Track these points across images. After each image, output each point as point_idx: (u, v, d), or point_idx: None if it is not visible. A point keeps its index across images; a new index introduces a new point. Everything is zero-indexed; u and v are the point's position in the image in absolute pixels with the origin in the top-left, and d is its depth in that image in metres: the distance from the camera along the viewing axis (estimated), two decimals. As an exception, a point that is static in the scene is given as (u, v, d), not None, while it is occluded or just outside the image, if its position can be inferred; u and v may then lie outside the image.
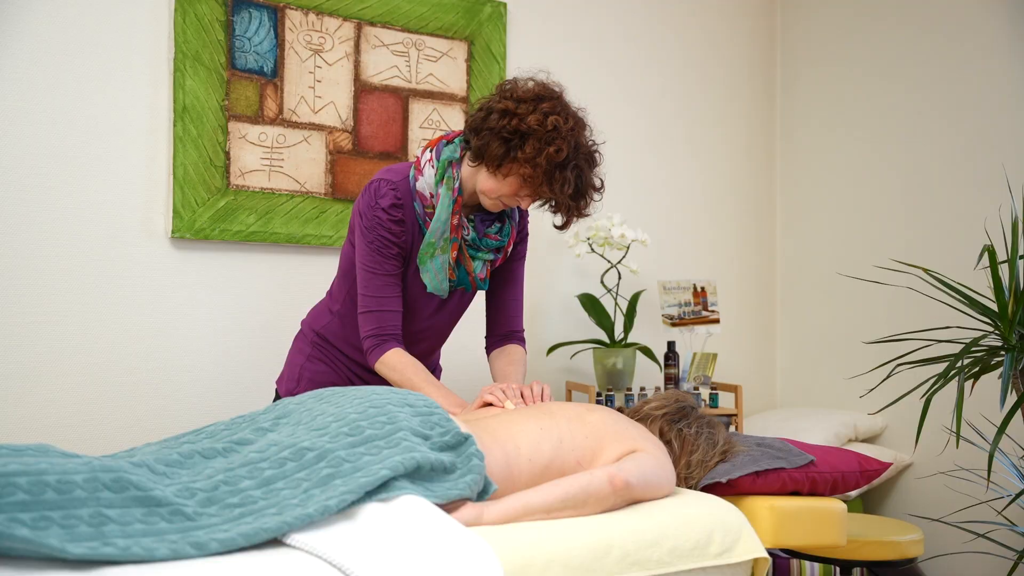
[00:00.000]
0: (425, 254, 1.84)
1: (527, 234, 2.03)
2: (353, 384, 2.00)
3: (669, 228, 3.26)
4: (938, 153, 2.93)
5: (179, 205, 2.35)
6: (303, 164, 2.54)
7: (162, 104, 2.36)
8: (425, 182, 1.83)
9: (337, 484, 1.28)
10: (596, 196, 1.82)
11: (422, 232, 1.86)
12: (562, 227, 1.86)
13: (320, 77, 2.56)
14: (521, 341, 2.05)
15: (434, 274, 1.85)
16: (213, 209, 2.41)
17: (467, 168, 1.84)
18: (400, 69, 2.69)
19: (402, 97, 2.69)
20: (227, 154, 2.42)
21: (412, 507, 1.28)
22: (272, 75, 2.49)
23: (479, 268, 1.91)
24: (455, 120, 2.78)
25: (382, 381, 1.94)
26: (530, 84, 1.77)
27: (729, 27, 3.44)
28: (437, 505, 1.34)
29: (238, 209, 2.44)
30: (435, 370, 2.16)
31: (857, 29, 3.24)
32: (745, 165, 3.48)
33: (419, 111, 2.72)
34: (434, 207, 1.83)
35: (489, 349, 2.06)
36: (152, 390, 2.35)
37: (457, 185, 1.82)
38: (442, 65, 2.76)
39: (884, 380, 2.14)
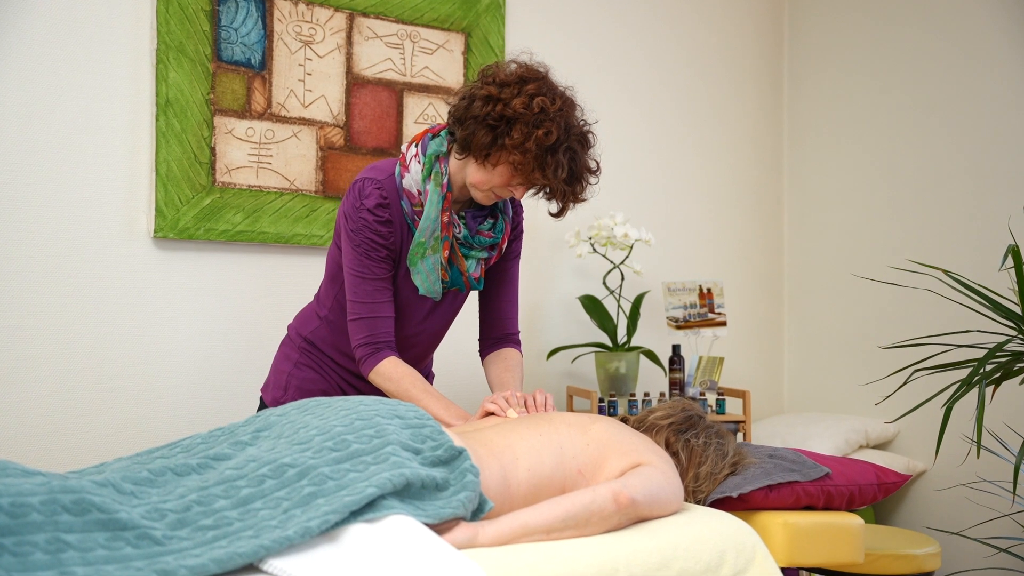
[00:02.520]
0: (415, 255, 1.77)
1: (522, 231, 1.96)
2: (344, 392, 1.93)
3: (673, 227, 3.19)
4: (957, 149, 2.84)
5: (162, 203, 2.28)
6: (292, 160, 2.46)
7: (144, 97, 2.29)
8: (412, 179, 1.76)
9: (320, 504, 1.20)
10: (592, 179, 1.74)
11: (411, 231, 1.79)
12: (558, 214, 1.78)
13: (310, 70, 2.48)
14: (516, 344, 1.98)
15: (426, 275, 1.78)
16: (198, 208, 2.32)
17: (455, 161, 1.77)
18: (394, 62, 2.61)
19: (396, 91, 2.61)
20: (212, 150, 2.34)
21: (401, 528, 1.20)
22: (260, 67, 2.41)
23: (473, 267, 1.84)
24: (452, 115, 2.69)
25: (374, 389, 1.86)
26: (512, 67, 1.70)
27: (735, 20, 3.37)
28: (428, 525, 1.26)
29: (224, 208, 2.36)
30: (428, 376, 2.09)
31: (870, 20, 3.15)
32: (752, 162, 3.41)
33: (414, 106, 2.64)
34: (422, 205, 1.76)
35: (483, 353, 1.99)
36: (132, 397, 2.27)
37: (446, 180, 1.75)
38: (438, 58, 2.68)
39: (902, 386, 2.04)
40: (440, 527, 1.29)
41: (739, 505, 1.71)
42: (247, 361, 2.41)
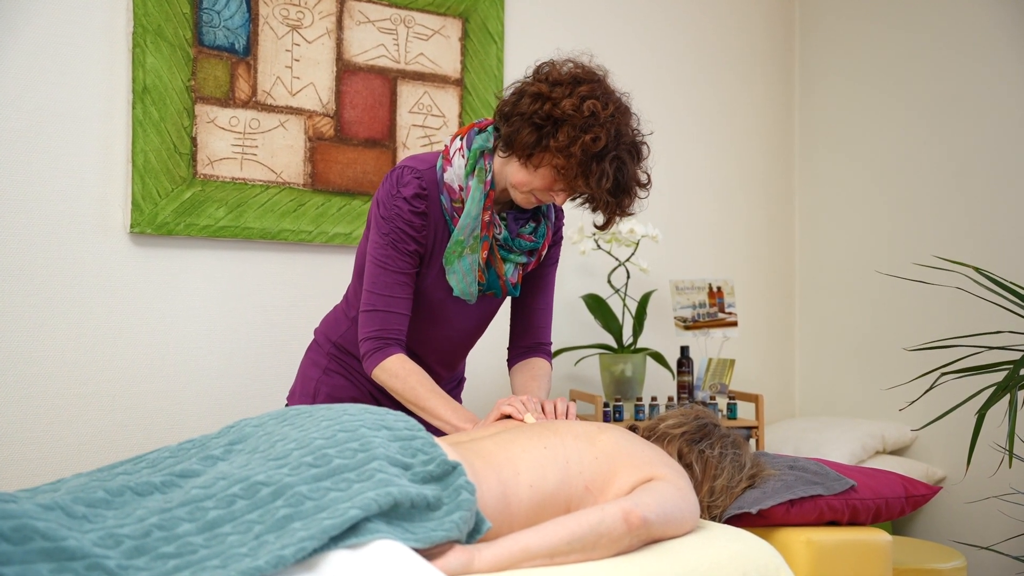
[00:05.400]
0: (452, 253, 1.70)
1: (561, 237, 1.91)
2: (375, 400, 1.85)
3: (681, 223, 3.11)
4: (982, 141, 2.72)
5: (139, 197, 2.18)
6: (279, 152, 2.36)
7: (120, 84, 2.19)
8: (454, 173, 1.70)
9: (296, 528, 1.09)
10: (642, 193, 1.68)
11: (448, 228, 1.72)
12: (603, 227, 1.72)
13: (298, 56, 2.38)
14: (547, 355, 1.92)
15: (462, 276, 1.71)
16: (177, 201, 2.23)
17: (498, 159, 1.71)
18: (387, 48, 2.50)
19: (390, 79, 2.50)
20: (193, 140, 2.25)
21: (387, 555, 1.09)
22: (244, 53, 2.31)
23: (510, 272, 1.78)
24: (448, 105, 2.58)
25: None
26: (568, 66, 1.64)
27: (745, 9, 3.27)
28: (418, 551, 1.15)
29: (206, 201, 2.26)
30: (459, 381, 2.01)
31: (886, 9, 3.03)
32: (762, 155, 3.32)
33: (408, 94, 2.52)
34: (463, 201, 1.70)
35: (511, 362, 1.93)
36: (108, 403, 2.18)
37: (489, 178, 1.69)
38: (434, 44, 2.56)
39: (929, 390, 1.92)
40: (431, 551, 1.18)
41: (758, 521, 1.62)
42: (231, 365, 2.32)
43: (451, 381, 1.95)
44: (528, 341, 1.90)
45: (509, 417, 1.61)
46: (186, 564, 1.04)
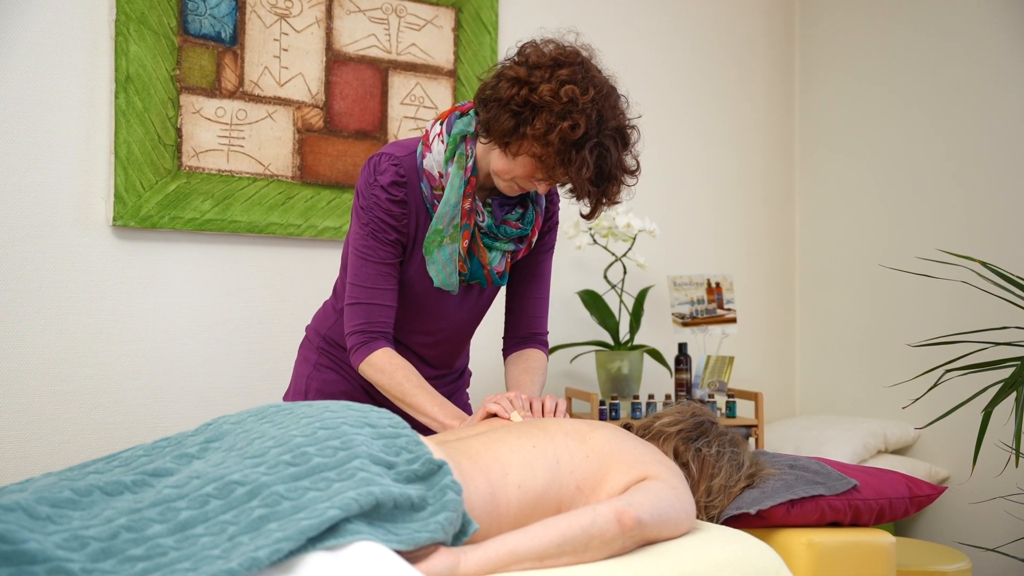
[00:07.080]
0: (431, 243, 1.65)
1: (557, 223, 1.85)
2: (367, 394, 1.81)
3: (679, 217, 3.07)
4: (987, 134, 2.68)
5: (122, 189, 2.15)
6: (267, 143, 2.32)
7: (102, 73, 2.16)
8: (433, 159, 1.66)
9: (272, 529, 1.05)
10: (630, 180, 1.62)
11: (429, 216, 1.68)
12: (588, 216, 1.67)
13: (287, 45, 2.34)
14: (543, 345, 1.87)
15: (441, 266, 1.67)
16: (162, 194, 2.19)
17: (481, 145, 1.65)
18: (379, 38, 2.46)
19: (381, 69, 2.46)
20: (178, 131, 2.22)
21: (367, 557, 1.05)
22: (231, 42, 2.27)
23: (496, 260, 1.72)
24: (440, 96, 2.54)
25: None
26: (550, 47, 1.57)
27: (744, 1, 3.21)
28: (401, 553, 1.11)
29: (191, 194, 2.23)
30: (461, 373, 1.97)
31: (886, -2, 2.98)
32: (762, 149, 3.28)
33: (400, 85, 2.48)
34: (443, 188, 1.65)
35: (506, 352, 1.89)
36: (90, 401, 2.14)
37: (471, 164, 1.64)
38: (426, 34, 2.53)
39: (933, 387, 1.87)
40: (415, 554, 1.13)
41: (757, 522, 1.58)
42: (216, 362, 2.28)
43: (451, 375, 1.90)
44: (523, 331, 1.86)
45: (497, 416, 1.57)
46: (155, 567, 0.99)
